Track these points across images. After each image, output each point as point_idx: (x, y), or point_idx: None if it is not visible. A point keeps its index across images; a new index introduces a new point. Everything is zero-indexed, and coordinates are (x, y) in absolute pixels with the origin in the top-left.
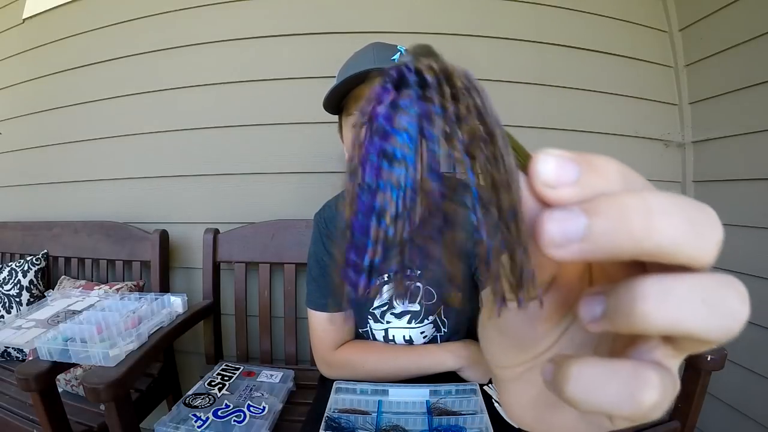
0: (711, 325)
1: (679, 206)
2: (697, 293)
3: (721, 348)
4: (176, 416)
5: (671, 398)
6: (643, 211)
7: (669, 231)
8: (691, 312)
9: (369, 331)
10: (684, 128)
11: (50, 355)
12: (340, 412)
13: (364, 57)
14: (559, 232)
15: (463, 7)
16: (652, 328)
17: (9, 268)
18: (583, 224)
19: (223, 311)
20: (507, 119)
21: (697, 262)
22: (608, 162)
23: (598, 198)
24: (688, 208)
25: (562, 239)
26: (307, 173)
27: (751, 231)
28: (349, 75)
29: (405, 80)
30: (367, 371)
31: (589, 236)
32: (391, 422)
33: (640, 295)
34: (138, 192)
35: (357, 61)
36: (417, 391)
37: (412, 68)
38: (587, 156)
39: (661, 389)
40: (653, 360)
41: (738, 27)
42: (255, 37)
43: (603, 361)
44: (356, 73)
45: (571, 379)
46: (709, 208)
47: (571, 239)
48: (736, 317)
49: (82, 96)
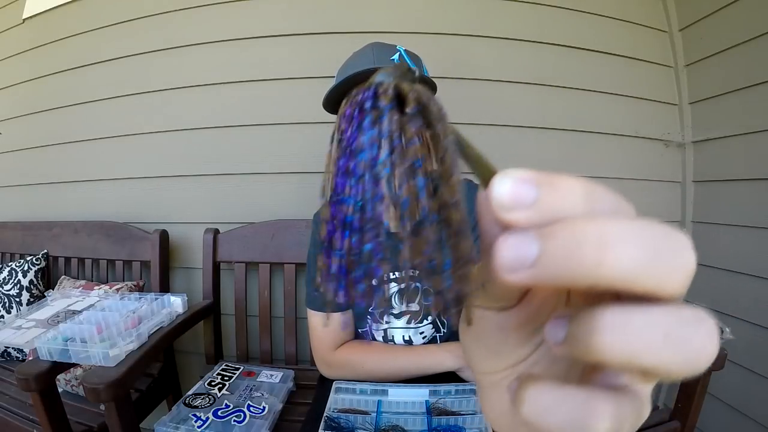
0: (673, 361)
1: (641, 234)
2: (659, 328)
3: (721, 348)
4: (176, 416)
5: (635, 424)
6: (597, 239)
7: (624, 261)
8: (651, 347)
9: (368, 331)
10: (684, 128)
11: (50, 355)
12: (339, 411)
13: (363, 57)
14: (511, 257)
15: (463, 7)
16: (608, 360)
17: (9, 268)
18: (535, 250)
19: (223, 311)
20: (507, 119)
21: (661, 293)
22: (574, 183)
23: (555, 223)
24: (651, 237)
25: (513, 264)
26: (307, 173)
27: (751, 231)
28: (348, 75)
29: (372, 102)
30: (367, 371)
31: (540, 263)
32: (391, 422)
33: (598, 327)
34: (138, 192)
35: (356, 61)
36: (416, 391)
37: (373, 93)
38: (551, 177)
39: (615, 419)
40: (620, 384)
41: (738, 27)
42: (255, 37)
43: (558, 387)
44: (355, 72)
45: (526, 400)
46: (682, 236)
47: (523, 265)
48: (701, 355)
49: (82, 96)
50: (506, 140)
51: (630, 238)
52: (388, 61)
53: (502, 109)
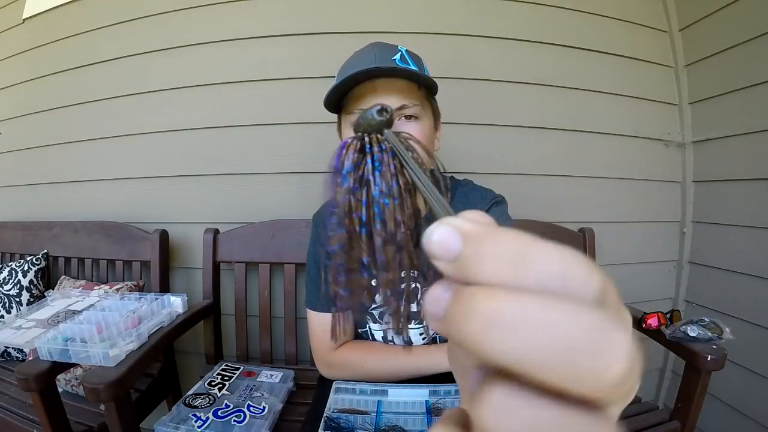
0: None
1: (547, 324)
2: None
3: (721, 348)
4: (176, 416)
5: None
6: (481, 318)
7: (505, 349)
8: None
9: (368, 331)
10: (684, 128)
11: (50, 355)
12: (339, 412)
13: (364, 56)
14: (429, 307)
15: (463, 7)
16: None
17: (9, 268)
18: (443, 310)
19: (223, 311)
20: (507, 119)
21: (568, 392)
22: (506, 247)
23: (461, 288)
24: (563, 329)
25: (432, 314)
26: (307, 173)
27: (751, 231)
28: (349, 74)
29: (360, 145)
30: (366, 371)
31: (446, 322)
32: (391, 422)
33: (481, 405)
34: (138, 192)
35: (357, 60)
36: (416, 391)
37: (360, 139)
38: (485, 235)
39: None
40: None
41: (738, 27)
42: (255, 37)
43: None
44: (356, 72)
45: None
46: (620, 335)
47: (437, 317)
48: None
49: (82, 96)
50: (506, 140)
51: (527, 325)
52: (390, 61)
53: (502, 109)
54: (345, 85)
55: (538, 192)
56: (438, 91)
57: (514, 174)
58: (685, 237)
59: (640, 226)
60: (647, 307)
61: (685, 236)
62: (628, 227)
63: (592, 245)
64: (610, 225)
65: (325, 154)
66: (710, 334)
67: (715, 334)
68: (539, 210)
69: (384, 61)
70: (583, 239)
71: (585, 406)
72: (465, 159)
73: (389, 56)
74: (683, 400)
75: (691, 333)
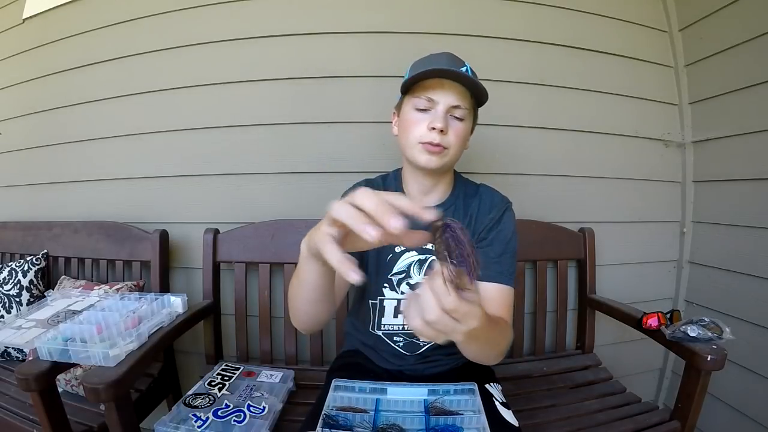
0: None
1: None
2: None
3: (721, 348)
4: (176, 416)
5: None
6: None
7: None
8: None
9: (378, 303)
10: (684, 128)
11: (50, 355)
12: (338, 410)
13: (440, 57)
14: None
15: (463, 7)
16: None
17: (9, 268)
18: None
19: (223, 311)
20: (507, 119)
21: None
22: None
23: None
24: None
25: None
26: (307, 173)
27: (751, 231)
28: (429, 68)
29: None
30: (291, 296)
31: None
32: (389, 421)
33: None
34: (138, 192)
35: (435, 59)
36: (415, 390)
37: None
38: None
39: None
40: None
41: (738, 27)
42: (255, 37)
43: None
44: (438, 69)
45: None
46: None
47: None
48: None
49: (82, 96)
50: (506, 140)
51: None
52: (458, 67)
53: (502, 109)
54: (424, 75)
55: (538, 192)
56: (488, 96)
57: (514, 174)
58: (685, 237)
59: (640, 226)
60: (647, 307)
61: (685, 236)
62: (628, 227)
63: (592, 245)
64: (610, 225)
65: (324, 154)
66: (710, 334)
67: (715, 334)
68: (539, 210)
69: (455, 67)
70: (583, 239)
71: None
72: (465, 159)
73: (459, 66)
74: (683, 400)
75: (691, 333)
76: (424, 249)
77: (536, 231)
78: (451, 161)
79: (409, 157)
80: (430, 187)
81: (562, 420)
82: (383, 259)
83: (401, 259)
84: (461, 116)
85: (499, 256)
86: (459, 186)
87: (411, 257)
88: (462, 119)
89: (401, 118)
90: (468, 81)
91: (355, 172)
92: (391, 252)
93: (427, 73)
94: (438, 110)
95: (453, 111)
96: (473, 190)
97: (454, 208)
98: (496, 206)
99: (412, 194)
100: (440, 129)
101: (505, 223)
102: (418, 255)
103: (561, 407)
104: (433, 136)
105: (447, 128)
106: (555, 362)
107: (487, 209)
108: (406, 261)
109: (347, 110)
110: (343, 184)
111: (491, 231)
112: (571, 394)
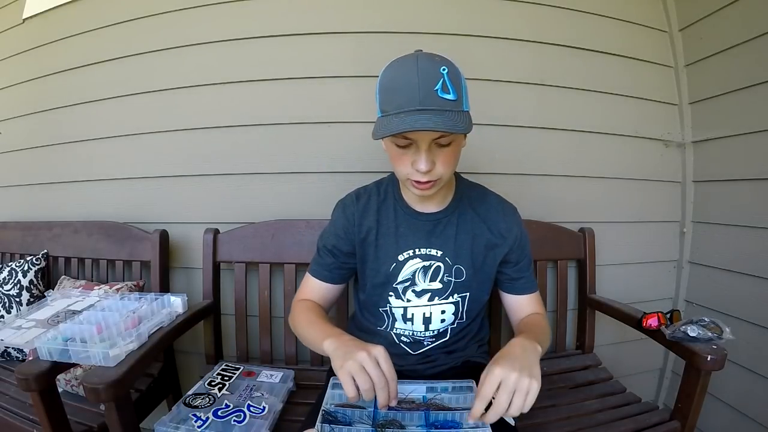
0: None
1: None
2: None
3: (721, 348)
4: (176, 416)
5: None
6: None
7: None
8: None
9: (388, 310)
10: (684, 128)
11: (50, 355)
12: (337, 406)
13: (408, 81)
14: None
15: (463, 7)
16: None
17: (9, 268)
18: None
19: (223, 311)
20: (507, 119)
21: None
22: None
23: None
24: None
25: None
26: (307, 173)
27: (751, 231)
28: (393, 129)
29: None
30: (294, 325)
31: None
32: (388, 417)
33: None
34: (138, 192)
35: (402, 83)
36: (414, 387)
37: None
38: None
39: None
40: None
41: (738, 27)
42: (255, 37)
43: None
44: (400, 131)
45: None
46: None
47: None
48: None
49: (82, 96)
50: (506, 140)
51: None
52: (432, 93)
53: (502, 109)
54: (391, 132)
55: (538, 192)
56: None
57: (514, 174)
58: (685, 237)
59: (640, 226)
60: (647, 307)
61: (685, 236)
62: (628, 227)
63: (592, 245)
64: (610, 225)
65: (324, 155)
66: (710, 334)
67: (715, 334)
68: (539, 210)
69: (427, 95)
70: (583, 239)
71: None
72: (465, 159)
73: (432, 85)
74: (683, 400)
75: (691, 333)
76: (428, 255)
77: (536, 231)
78: (447, 182)
79: (402, 186)
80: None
81: (562, 420)
82: (386, 270)
83: (405, 266)
84: (447, 142)
85: (528, 268)
86: (461, 190)
87: (415, 264)
88: (449, 144)
89: (385, 145)
90: (446, 130)
91: (355, 172)
92: (394, 261)
93: (395, 131)
94: (420, 147)
95: (437, 140)
96: (479, 194)
97: (457, 214)
98: (509, 214)
99: (410, 200)
100: (425, 171)
101: (525, 236)
102: (423, 262)
103: (561, 407)
104: (419, 175)
105: (433, 162)
106: (555, 362)
107: (500, 216)
108: (411, 269)
109: (347, 110)
110: (343, 184)
111: (518, 249)
112: (571, 394)
